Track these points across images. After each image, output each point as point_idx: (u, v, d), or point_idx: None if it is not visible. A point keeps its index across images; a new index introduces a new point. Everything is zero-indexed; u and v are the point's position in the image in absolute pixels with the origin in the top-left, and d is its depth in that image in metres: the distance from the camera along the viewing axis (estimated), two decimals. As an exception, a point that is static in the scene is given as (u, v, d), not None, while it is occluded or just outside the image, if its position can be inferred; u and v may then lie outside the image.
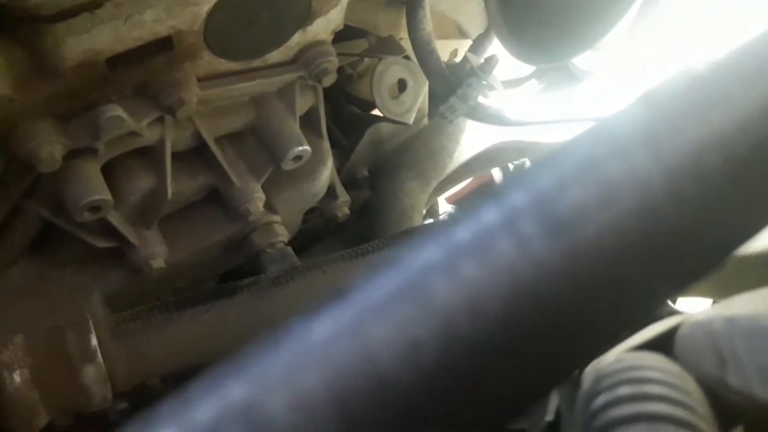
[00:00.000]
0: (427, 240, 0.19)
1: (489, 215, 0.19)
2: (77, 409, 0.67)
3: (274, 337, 0.19)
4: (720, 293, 0.37)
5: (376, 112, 1.29)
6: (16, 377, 0.61)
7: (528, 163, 1.66)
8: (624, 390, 0.29)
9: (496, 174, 1.84)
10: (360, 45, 1.13)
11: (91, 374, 0.64)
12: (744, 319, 0.30)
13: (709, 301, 0.42)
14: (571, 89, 1.32)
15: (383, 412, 0.16)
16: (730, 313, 0.31)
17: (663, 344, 0.34)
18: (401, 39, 1.11)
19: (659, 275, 0.18)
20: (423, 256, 0.18)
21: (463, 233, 0.18)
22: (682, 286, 0.19)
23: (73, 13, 0.62)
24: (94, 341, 0.64)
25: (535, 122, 0.96)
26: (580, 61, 1.34)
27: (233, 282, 0.77)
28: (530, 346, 0.17)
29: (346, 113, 1.21)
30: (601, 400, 0.29)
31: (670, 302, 0.38)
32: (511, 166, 1.69)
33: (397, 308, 0.17)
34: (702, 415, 0.29)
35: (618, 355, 0.33)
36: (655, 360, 0.31)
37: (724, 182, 0.18)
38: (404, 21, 1.11)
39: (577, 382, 0.31)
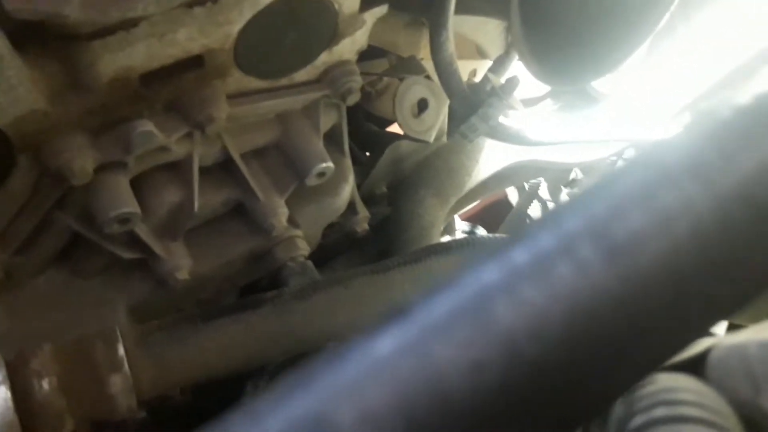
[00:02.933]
0: (486, 261, 0.19)
1: (547, 239, 0.19)
2: (102, 418, 0.68)
3: (339, 352, 0.19)
4: (753, 318, 0.38)
5: (393, 128, 1.30)
6: (45, 385, 0.62)
7: (544, 183, 1.67)
8: (660, 411, 0.29)
9: (511, 192, 1.85)
10: (381, 64, 1.15)
11: (118, 384, 0.65)
12: (778, 344, 0.31)
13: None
14: (589, 110, 1.33)
15: (447, 429, 0.17)
16: (763, 338, 0.32)
17: (695, 366, 0.35)
18: (422, 59, 1.12)
19: (710, 302, 0.19)
20: (483, 277, 0.19)
21: (522, 256, 0.19)
22: (731, 313, 0.20)
23: (110, 31, 0.64)
24: (122, 351, 0.65)
25: (555, 143, 0.97)
26: (598, 82, 1.35)
27: (256, 295, 0.78)
28: (588, 369, 0.18)
29: (365, 130, 1.23)
30: (637, 421, 0.29)
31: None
32: (526, 185, 1.71)
33: (460, 329, 0.18)
34: (735, 438, 0.29)
35: (653, 376, 0.33)
36: (690, 382, 0.32)
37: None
38: (424, 41, 1.12)
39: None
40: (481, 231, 2.03)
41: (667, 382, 0.32)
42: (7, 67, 0.60)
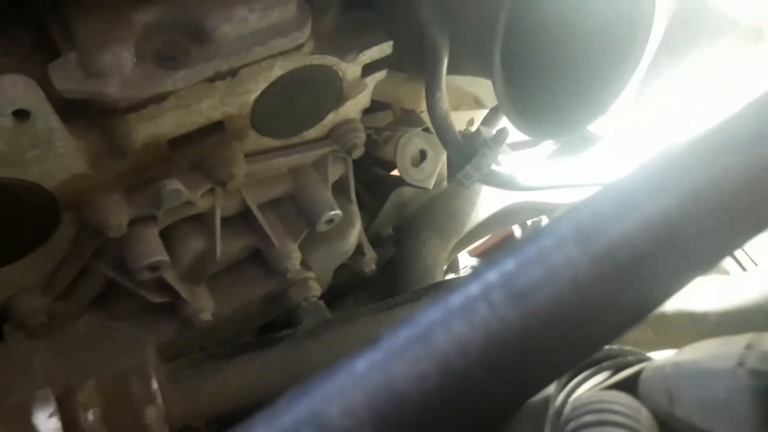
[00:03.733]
0: (433, 303, 0.28)
1: (474, 287, 0.28)
2: (137, 447, 0.76)
3: (329, 369, 0.28)
4: (675, 344, 0.45)
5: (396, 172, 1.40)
6: (90, 416, 0.71)
7: (545, 221, 1.75)
8: (588, 417, 0.37)
9: (516, 229, 1.93)
10: (385, 116, 1.25)
11: (152, 415, 0.73)
12: (687, 364, 0.39)
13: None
14: (583, 153, 1.42)
15: (403, 421, 0.25)
16: (678, 359, 0.40)
17: (630, 384, 0.43)
18: (421, 112, 1.22)
19: (588, 334, 0.27)
20: (429, 314, 0.28)
21: (456, 299, 0.28)
22: (606, 341, 0.28)
23: (143, 105, 0.73)
24: (155, 385, 0.74)
25: (544, 187, 1.06)
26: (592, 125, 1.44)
27: (273, 334, 0.86)
28: (500, 379, 0.26)
29: (372, 174, 1.32)
30: (570, 426, 0.37)
31: (639, 350, 0.46)
32: (529, 223, 1.78)
33: (411, 350, 0.26)
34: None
35: (591, 392, 0.41)
36: (618, 396, 0.40)
37: (628, 271, 0.27)
38: (422, 94, 1.22)
39: (544, 410, 0.40)
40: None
41: (600, 396, 0.40)
42: (57, 138, 0.70)
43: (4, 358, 0.87)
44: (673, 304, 0.85)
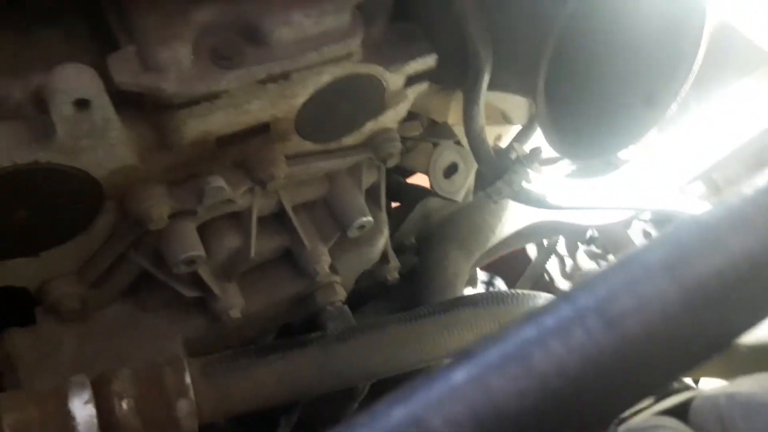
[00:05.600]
0: (526, 322, 0.29)
1: (566, 310, 0.29)
2: (165, 438, 0.77)
3: (427, 377, 0.29)
4: (730, 376, 0.47)
5: (414, 178, 1.41)
6: (124, 405, 0.72)
7: (562, 239, 1.76)
8: (646, 441, 0.38)
9: (530, 246, 1.94)
10: (414, 126, 1.26)
11: (184, 408, 0.74)
12: (741, 395, 0.40)
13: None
14: (608, 175, 1.43)
15: (500, 432, 0.27)
16: (731, 390, 0.41)
17: (681, 411, 0.44)
18: (452, 125, 1.24)
19: (674, 359, 0.29)
20: (524, 333, 0.29)
21: (550, 320, 0.29)
22: (687, 369, 0.29)
23: (196, 101, 0.75)
24: (188, 379, 0.75)
25: (573, 208, 1.07)
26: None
27: (304, 335, 0.87)
28: (593, 397, 0.27)
29: (391, 181, 1.33)
30: (629, 448, 0.39)
31: (689, 380, 0.47)
32: (545, 242, 1.79)
33: (509, 368, 0.28)
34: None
35: (646, 417, 0.42)
36: (672, 422, 0.41)
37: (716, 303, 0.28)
38: (451, 106, 1.24)
39: None
40: (499, 281, 2.12)
41: (655, 421, 0.41)
42: (112, 128, 0.71)
43: (34, 340, 0.89)
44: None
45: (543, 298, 0.96)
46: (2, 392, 0.75)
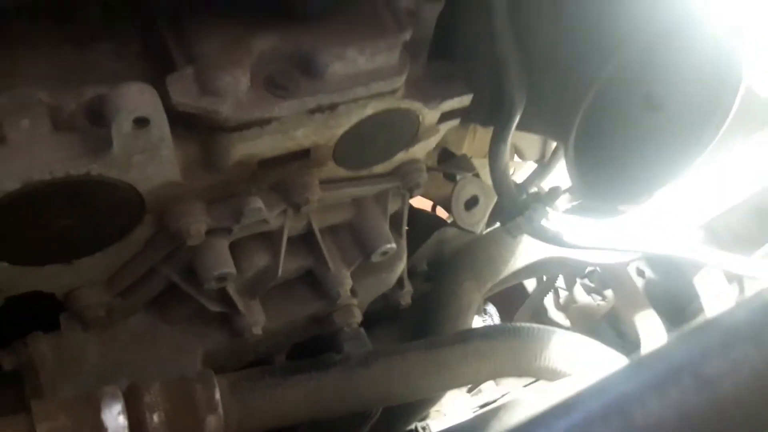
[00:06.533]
0: (620, 376, 0.32)
1: (659, 367, 0.32)
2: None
3: (527, 428, 0.31)
4: None
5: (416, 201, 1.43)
6: (156, 418, 0.73)
7: (562, 279, 1.79)
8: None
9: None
10: (430, 155, 1.29)
11: (212, 423, 0.75)
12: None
13: None
14: (608, 219, 1.46)
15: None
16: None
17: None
18: (471, 157, 1.27)
19: (760, 418, 0.31)
20: (619, 386, 0.31)
21: (645, 376, 0.32)
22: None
23: (248, 126, 0.77)
24: (218, 395, 0.76)
25: (588, 247, 1.10)
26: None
27: (326, 357, 0.89)
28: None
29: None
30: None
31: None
32: (544, 278, 1.82)
33: (610, 423, 0.30)
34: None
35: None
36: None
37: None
38: (467, 137, 1.27)
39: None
40: (490, 308, 2.14)
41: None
42: (165, 146, 0.73)
43: (58, 347, 0.89)
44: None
45: (558, 333, 0.99)
46: (32, 398, 0.76)
